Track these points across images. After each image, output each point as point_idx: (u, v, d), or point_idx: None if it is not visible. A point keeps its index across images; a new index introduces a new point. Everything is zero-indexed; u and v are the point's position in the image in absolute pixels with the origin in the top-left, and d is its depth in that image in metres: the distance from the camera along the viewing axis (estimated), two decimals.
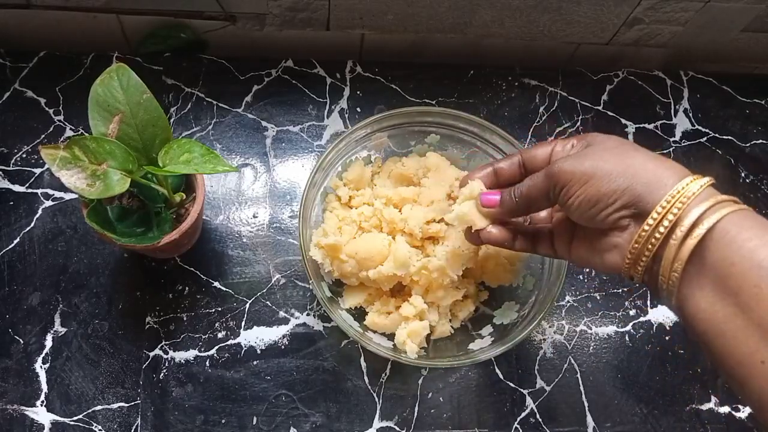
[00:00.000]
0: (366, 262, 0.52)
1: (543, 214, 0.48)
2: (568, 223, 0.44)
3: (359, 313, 0.56)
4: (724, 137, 0.71)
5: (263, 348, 0.58)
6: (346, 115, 0.67)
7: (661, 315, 0.63)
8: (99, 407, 0.55)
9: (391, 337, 0.54)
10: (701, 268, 0.35)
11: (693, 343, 0.62)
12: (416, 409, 0.57)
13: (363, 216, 0.55)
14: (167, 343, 0.57)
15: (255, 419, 0.56)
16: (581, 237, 0.43)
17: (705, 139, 0.71)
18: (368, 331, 0.54)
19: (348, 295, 0.56)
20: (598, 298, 0.63)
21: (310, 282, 0.51)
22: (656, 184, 0.37)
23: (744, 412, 0.60)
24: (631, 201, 0.37)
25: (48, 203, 0.61)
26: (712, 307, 0.34)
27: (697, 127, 0.72)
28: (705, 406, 0.60)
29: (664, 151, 0.70)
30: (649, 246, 0.36)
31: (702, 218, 0.35)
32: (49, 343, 0.56)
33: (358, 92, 0.68)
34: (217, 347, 0.57)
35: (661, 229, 0.36)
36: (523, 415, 0.58)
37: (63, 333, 0.56)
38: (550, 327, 0.61)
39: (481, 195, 0.47)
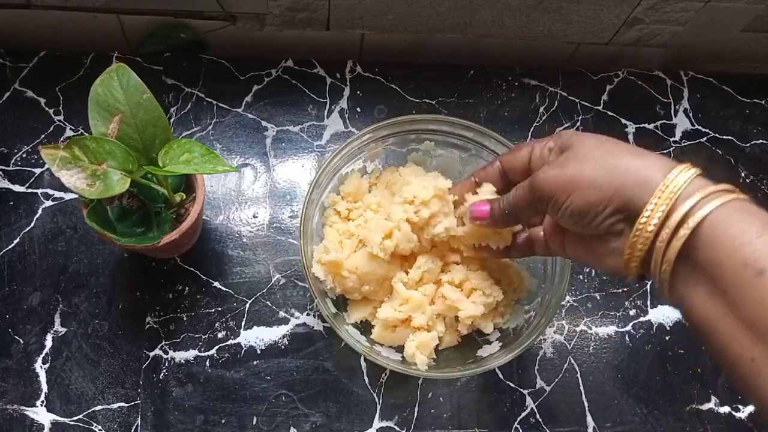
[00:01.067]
0: (367, 276, 0.52)
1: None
2: (559, 226, 0.43)
3: (365, 326, 0.55)
4: (724, 137, 0.71)
5: (263, 348, 0.58)
6: (346, 115, 0.67)
7: (662, 315, 0.63)
8: (99, 407, 0.55)
9: (399, 349, 0.53)
10: (693, 267, 0.34)
11: (693, 343, 0.62)
12: (416, 409, 0.57)
13: (360, 228, 0.54)
14: (167, 343, 0.57)
15: (255, 419, 0.56)
16: (574, 238, 0.42)
17: (705, 139, 0.71)
18: (375, 345, 0.54)
19: (353, 310, 0.55)
20: (598, 298, 0.63)
21: (316, 301, 0.51)
22: (643, 184, 0.36)
23: (744, 412, 0.60)
24: (621, 206, 0.37)
25: (48, 203, 0.61)
26: (705, 305, 0.34)
27: (697, 127, 0.72)
28: (705, 406, 0.60)
29: (665, 151, 0.70)
30: (639, 246, 0.36)
31: (688, 216, 0.34)
32: (49, 343, 0.56)
33: (358, 92, 0.68)
34: (217, 347, 0.57)
35: (650, 228, 0.35)
36: (523, 415, 0.58)
37: (63, 333, 0.56)
38: (550, 327, 0.61)
39: (471, 206, 0.46)
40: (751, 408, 0.60)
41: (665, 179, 0.35)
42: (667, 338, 0.62)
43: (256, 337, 0.58)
